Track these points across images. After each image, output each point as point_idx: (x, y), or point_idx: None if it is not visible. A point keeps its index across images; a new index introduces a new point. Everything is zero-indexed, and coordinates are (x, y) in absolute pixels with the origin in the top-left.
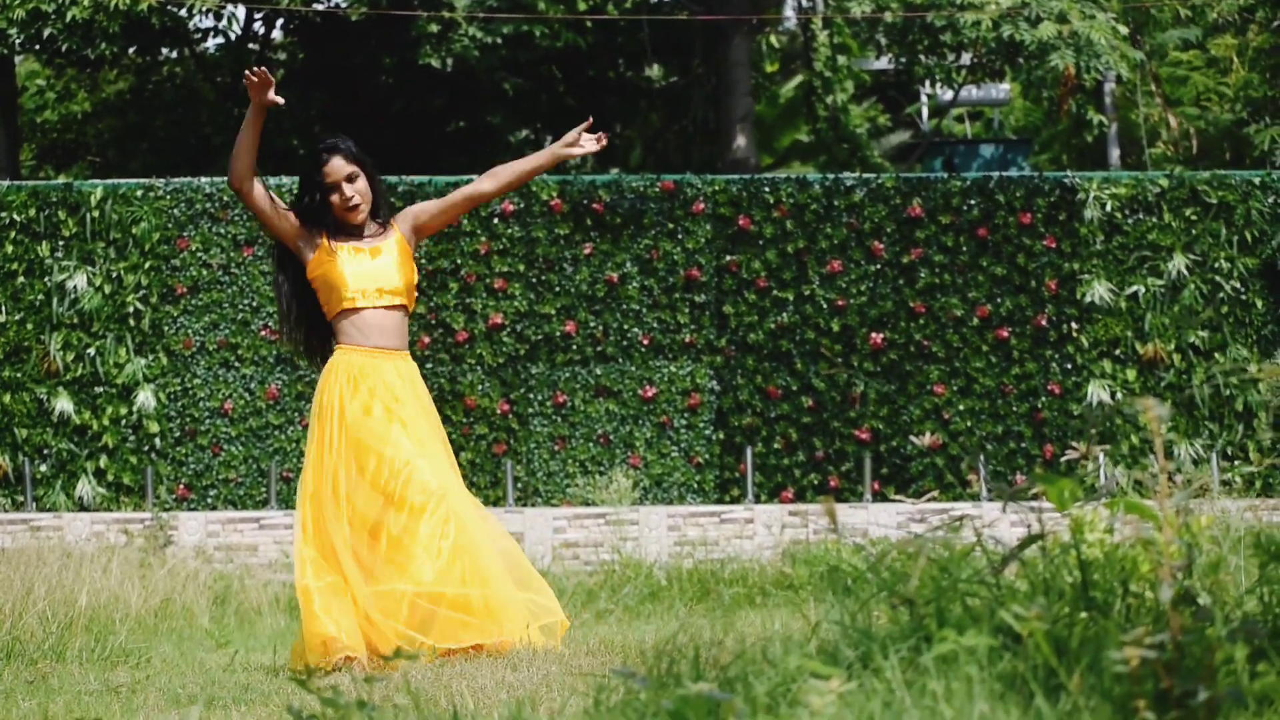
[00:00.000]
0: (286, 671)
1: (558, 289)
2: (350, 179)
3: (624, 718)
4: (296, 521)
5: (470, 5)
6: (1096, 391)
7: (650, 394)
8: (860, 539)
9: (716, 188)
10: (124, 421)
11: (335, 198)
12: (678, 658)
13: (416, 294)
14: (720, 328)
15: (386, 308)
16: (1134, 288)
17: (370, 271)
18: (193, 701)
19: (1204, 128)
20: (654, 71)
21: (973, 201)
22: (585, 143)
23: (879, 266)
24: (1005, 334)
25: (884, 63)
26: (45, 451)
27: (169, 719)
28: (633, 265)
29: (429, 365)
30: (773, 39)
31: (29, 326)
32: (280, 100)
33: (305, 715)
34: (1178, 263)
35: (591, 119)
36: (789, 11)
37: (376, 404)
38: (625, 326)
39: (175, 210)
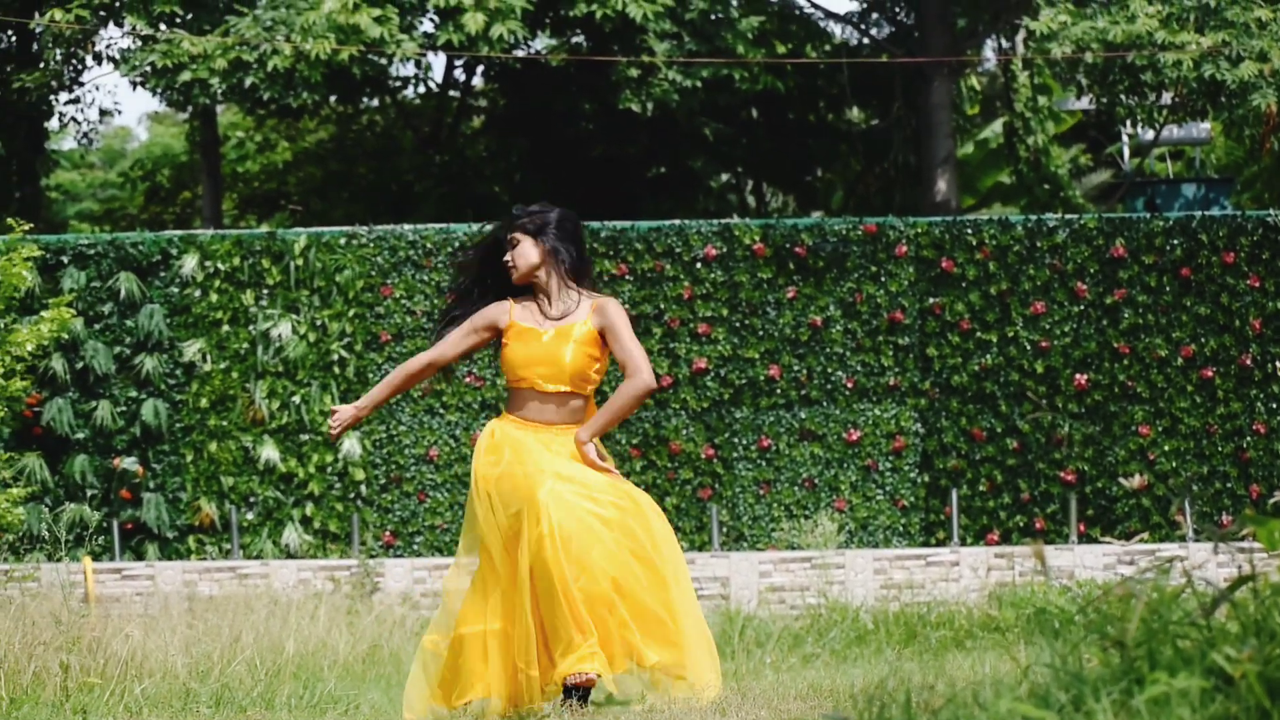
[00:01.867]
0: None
1: (761, 333)
2: (510, 244)
3: None
4: None
5: (670, 50)
6: None
7: (855, 437)
8: (1067, 581)
9: (919, 230)
10: (329, 469)
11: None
12: (888, 702)
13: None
14: (924, 370)
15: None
16: None
17: (540, 356)
18: None
19: None
20: (854, 114)
21: (1175, 241)
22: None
23: (1082, 307)
24: (1210, 374)
25: (1085, 103)
26: (251, 499)
27: None
28: (836, 308)
29: None
30: (973, 81)
31: (234, 375)
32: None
33: None
34: None
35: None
36: (988, 53)
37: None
38: (829, 370)
39: (378, 258)
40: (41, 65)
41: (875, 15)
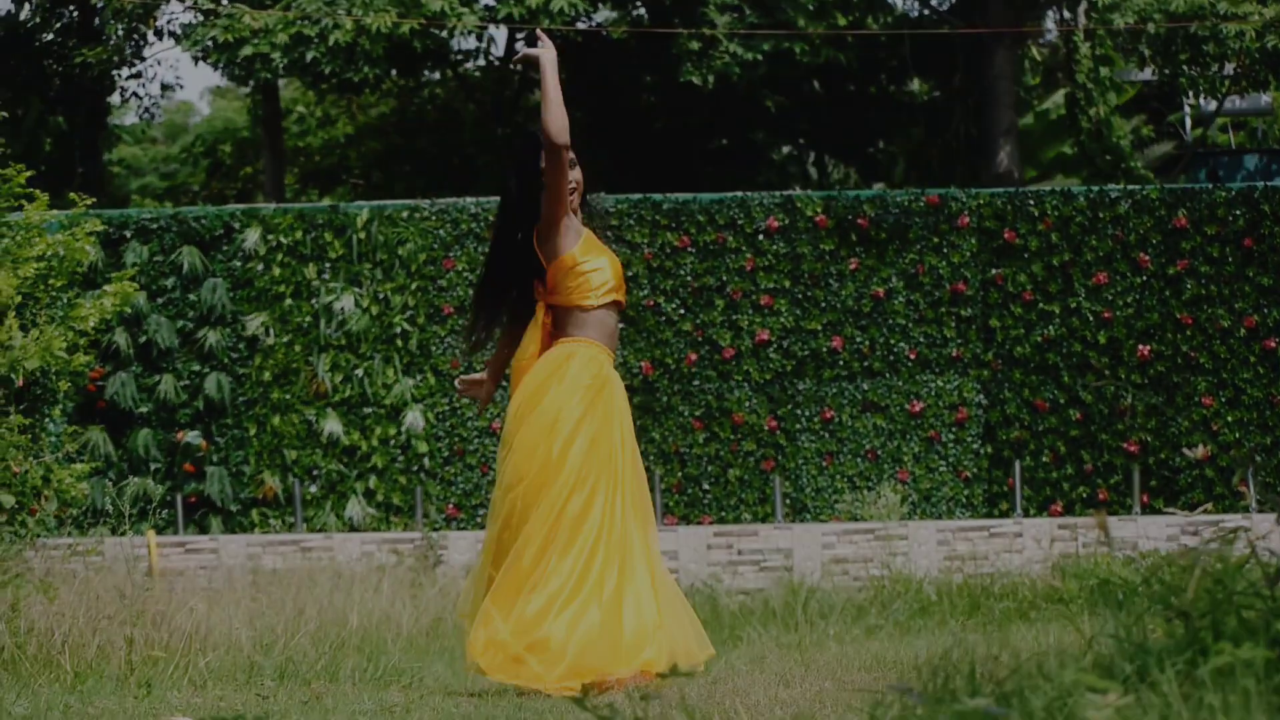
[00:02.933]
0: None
1: (824, 304)
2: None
3: None
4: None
5: (731, 23)
6: None
7: (918, 408)
8: (1130, 552)
9: (981, 201)
10: (393, 442)
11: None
12: (953, 673)
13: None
14: (987, 341)
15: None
16: None
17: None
18: None
19: None
20: (915, 86)
21: (1238, 212)
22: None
23: (1145, 278)
24: (1273, 344)
25: (1147, 74)
26: (315, 472)
27: None
28: (898, 280)
29: (696, 382)
30: (1034, 52)
31: (297, 348)
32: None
33: None
34: None
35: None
36: (1050, 24)
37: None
38: (892, 341)
39: (440, 230)
40: (104, 40)
41: None
